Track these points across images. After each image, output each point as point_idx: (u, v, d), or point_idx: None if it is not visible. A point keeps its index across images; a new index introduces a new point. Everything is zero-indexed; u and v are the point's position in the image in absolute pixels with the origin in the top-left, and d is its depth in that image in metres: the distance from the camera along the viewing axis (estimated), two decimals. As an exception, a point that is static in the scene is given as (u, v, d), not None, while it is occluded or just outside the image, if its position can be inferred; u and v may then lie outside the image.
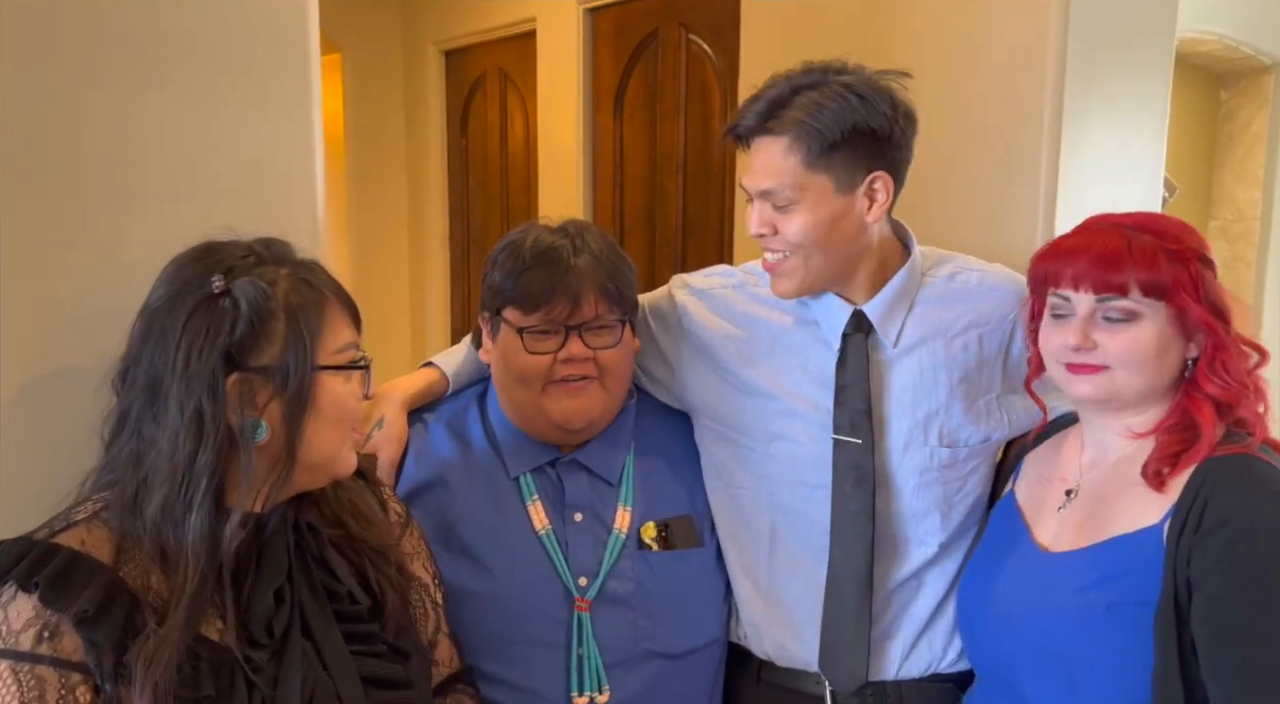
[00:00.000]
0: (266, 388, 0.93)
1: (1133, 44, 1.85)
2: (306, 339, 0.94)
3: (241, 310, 0.92)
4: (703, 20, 2.94)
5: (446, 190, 4.24)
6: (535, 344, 1.27)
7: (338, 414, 0.97)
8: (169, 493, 0.89)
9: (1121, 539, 1.10)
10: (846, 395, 1.30)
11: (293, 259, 0.99)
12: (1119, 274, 1.10)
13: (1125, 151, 1.87)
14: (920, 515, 1.31)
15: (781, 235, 1.26)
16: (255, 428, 0.92)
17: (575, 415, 1.30)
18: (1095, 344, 1.12)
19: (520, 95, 3.80)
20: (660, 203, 3.17)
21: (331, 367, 0.96)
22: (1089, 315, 1.13)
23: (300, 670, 0.94)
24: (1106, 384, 1.13)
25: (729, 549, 1.39)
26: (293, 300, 0.95)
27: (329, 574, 1.03)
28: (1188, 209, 3.40)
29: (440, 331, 4.30)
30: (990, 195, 1.82)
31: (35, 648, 0.83)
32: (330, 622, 1.00)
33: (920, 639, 1.32)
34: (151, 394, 0.92)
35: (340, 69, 4.19)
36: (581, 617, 1.26)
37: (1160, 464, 1.09)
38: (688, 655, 1.32)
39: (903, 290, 1.31)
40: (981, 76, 1.83)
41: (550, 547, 1.29)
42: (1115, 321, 1.11)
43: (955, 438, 1.31)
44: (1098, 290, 1.11)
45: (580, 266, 1.27)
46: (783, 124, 1.22)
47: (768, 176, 1.24)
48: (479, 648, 1.24)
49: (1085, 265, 1.11)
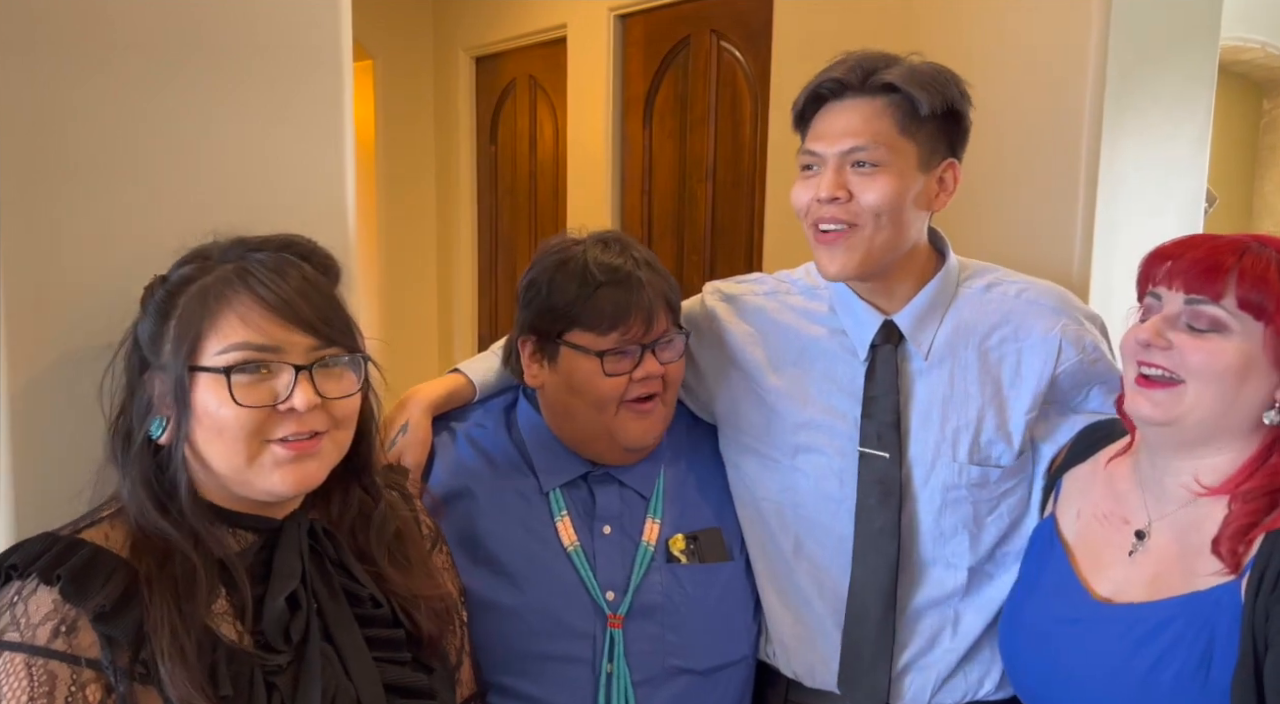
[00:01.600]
0: (166, 387, 0.90)
1: (1175, 52, 1.81)
2: (186, 337, 0.89)
3: (148, 306, 0.93)
4: (735, 27, 2.93)
5: (475, 197, 4.26)
6: (615, 366, 1.24)
7: (211, 423, 0.89)
8: (124, 483, 0.91)
9: (1195, 597, 0.98)
10: (875, 407, 1.26)
11: (264, 252, 0.94)
12: (1218, 278, 0.97)
13: (1166, 161, 1.83)
14: (948, 535, 1.26)
15: (856, 200, 1.19)
16: (153, 424, 0.91)
17: (645, 436, 1.29)
18: (1170, 343, 1.00)
19: (550, 102, 3.80)
20: (689, 211, 3.16)
21: (201, 368, 0.89)
22: (1173, 315, 1.00)
23: (321, 675, 0.92)
24: (1173, 403, 0.99)
25: (757, 564, 1.36)
26: (194, 297, 0.90)
27: (350, 578, 1.00)
28: (1227, 220, 3.34)
29: (468, 337, 4.31)
30: (1028, 207, 1.79)
31: (51, 642, 0.82)
32: (352, 627, 0.97)
33: (957, 671, 1.28)
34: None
35: (371, 75, 4.22)
36: (614, 634, 1.24)
37: (1234, 542, 0.96)
38: (716, 673, 1.29)
39: (936, 299, 1.27)
40: (1020, 85, 1.80)
41: (579, 562, 1.27)
42: (1199, 331, 0.98)
43: (986, 455, 1.25)
44: (1189, 290, 0.99)
45: (647, 282, 1.25)
46: (880, 85, 1.18)
47: (857, 135, 1.18)
48: (504, 662, 1.22)
49: (1185, 263, 0.99)
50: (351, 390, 0.94)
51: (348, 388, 0.94)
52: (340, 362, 0.93)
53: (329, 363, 0.92)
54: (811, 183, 1.22)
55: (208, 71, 1.14)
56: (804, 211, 1.24)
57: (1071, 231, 1.71)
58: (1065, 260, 1.59)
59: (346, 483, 1.01)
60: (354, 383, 0.95)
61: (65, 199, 1.05)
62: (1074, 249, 1.67)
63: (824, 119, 1.23)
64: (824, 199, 1.20)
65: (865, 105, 1.20)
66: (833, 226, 1.21)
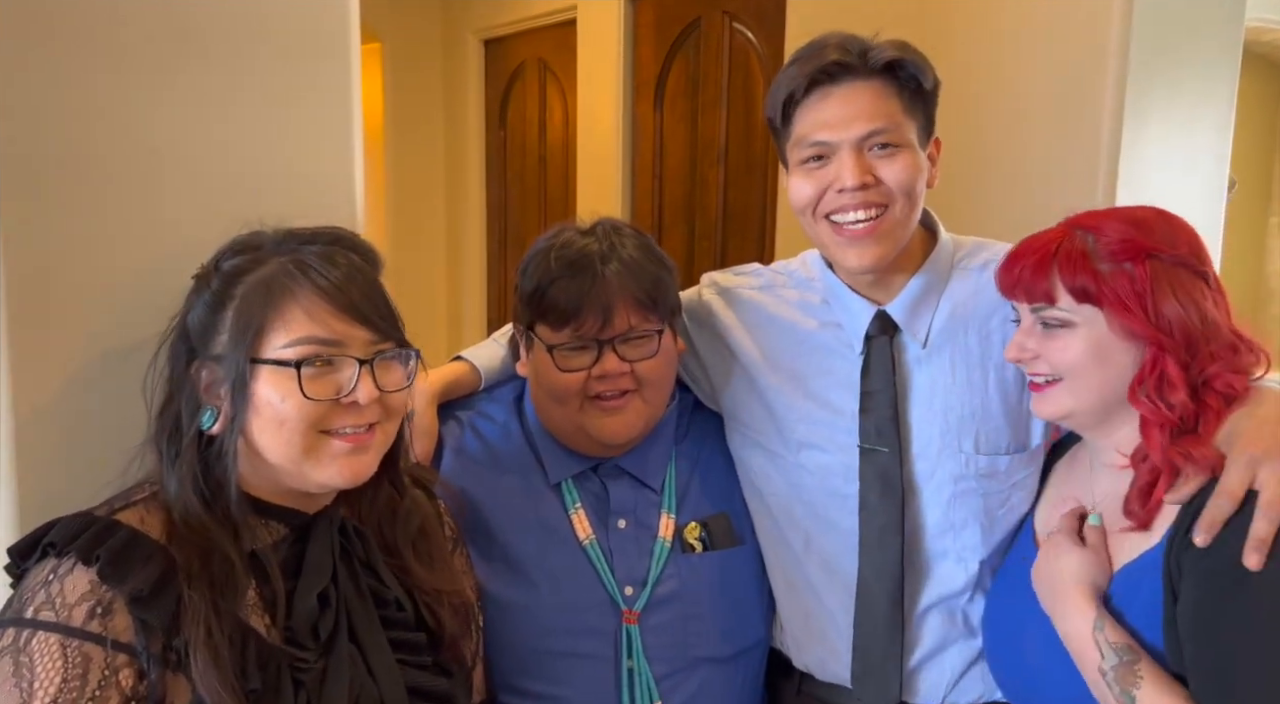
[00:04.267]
0: (220, 377, 0.90)
1: (1199, 32, 1.78)
2: (248, 329, 0.89)
3: (203, 296, 0.92)
4: (747, 8, 2.89)
5: (484, 180, 4.24)
6: (566, 361, 1.20)
7: (272, 414, 0.89)
8: (170, 476, 0.90)
9: (1130, 566, 1.02)
10: (873, 401, 1.22)
11: (317, 244, 0.94)
12: (1044, 281, 1.03)
13: (1188, 143, 1.80)
14: (958, 528, 1.22)
15: (886, 183, 1.15)
16: (204, 415, 0.90)
17: (615, 433, 1.24)
18: (1035, 352, 1.06)
19: (560, 85, 3.78)
20: (700, 194, 3.13)
21: (265, 361, 0.89)
22: (1029, 326, 1.07)
23: (347, 673, 0.92)
24: (1062, 399, 1.05)
25: (769, 558, 1.34)
26: (254, 288, 0.90)
27: (376, 579, 1.00)
28: (1247, 205, 3.30)
29: (477, 322, 4.30)
30: (1047, 189, 1.77)
31: (86, 624, 0.81)
32: (377, 628, 0.97)
33: (972, 669, 1.25)
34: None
35: (380, 58, 4.19)
36: (630, 630, 1.22)
37: (1136, 503, 1.01)
38: (734, 659, 1.28)
39: (929, 285, 1.23)
40: (1040, 64, 1.77)
41: (595, 557, 1.25)
42: (1052, 327, 1.04)
43: (995, 444, 1.21)
44: (1031, 300, 1.05)
45: (609, 275, 1.19)
46: (881, 64, 1.14)
47: (872, 117, 1.14)
48: (522, 663, 1.20)
49: (1016, 275, 1.05)
50: (403, 384, 0.97)
51: (400, 381, 0.96)
52: (394, 355, 0.95)
53: (386, 356, 0.94)
54: (822, 174, 1.16)
55: (215, 59, 1.12)
56: (812, 205, 1.18)
57: (1092, 216, 1.69)
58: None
59: (378, 477, 1.00)
60: (404, 376, 0.97)
61: (71, 192, 1.04)
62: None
63: (825, 105, 1.16)
64: (851, 186, 1.14)
65: (868, 86, 1.15)
66: (862, 216, 1.16)
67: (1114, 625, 0.99)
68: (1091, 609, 1.00)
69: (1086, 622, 1.00)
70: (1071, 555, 1.05)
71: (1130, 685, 0.95)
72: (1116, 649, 0.97)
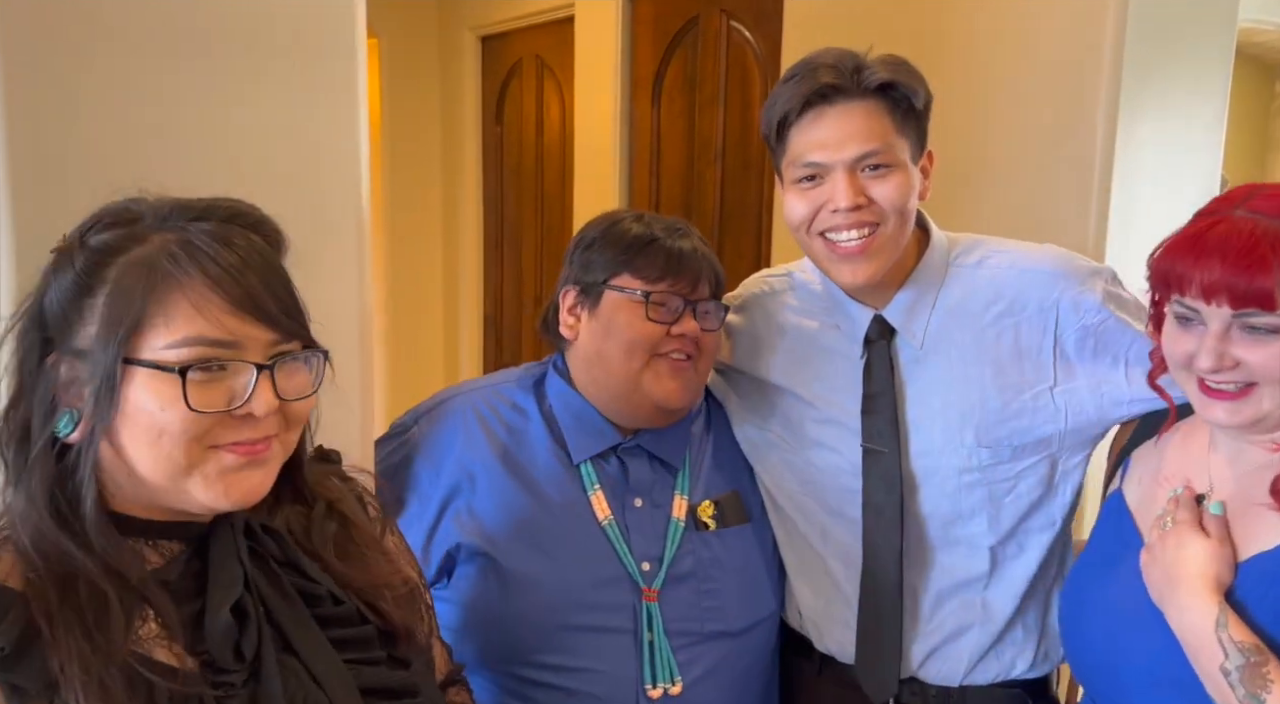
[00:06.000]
0: (83, 377, 0.76)
1: (1192, 32, 1.80)
2: (121, 324, 0.74)
3: (65, 275, 0.77)
4: (745, 6, 2.91)
5: (481, 177, 4.24)
6: (658, 312, 1.26)
7: (149, 423, 0.75)
8: (16, 493, 0.76)
9: (1262, 557, 0.94)
10: (875, 404, 1.26)
11: (208, 221, 0.80)
12: (1262, 282, 0.89)
13: (1182, 144, 1.82)
14: (965, 517, 1.26)
15: (878, 203, 1.18)
16: (61, 419, 0.76)
17: (675, 396, 1.28)
18: (1236, 362, 0.94)
19: (557, 82, 3.78)
20: (698, 193, 3.15)
21: (142, 363, 0.75)
22: (1223, 331, 0.94)
23: (286, 688, 0.80)
24: (1251, 409, 0.95)
25: (786, 553, 1.39)
26: (130, 273, 0.75)
27: (301, 576, 0.87)
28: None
29: (473, 318, 4.31)
30: (1042, 190, 1.78)
31: None
32: (314, 630, 0.85)
33: (989, 653, 1.28)
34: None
35: (376, 54, 4.19)
36: (650, 607, 1.27)
37: None
38: (748, 631, 1.33)
39: (924, 286, 1.26)
40: (1034, 66, 1.78)
41: (614, 536, 1.29)
42: (1259, 332, 0.92)
43: (995, 436, 1.23)
44: (1236, 306, 0.91)
45: (700, 250, 1.30)
46: (874, 85, 1.16)
47: (866, 140, 1.16)
48: (543, 638, 1.24)
49: (1219, 272, 0.91)
50: (308, 390, 0.83)
51: (305, 387, 0.83)
52: (298, 358, 0.82)
53: (289, 359, 0.81)
54: (816, 193, 1.19)
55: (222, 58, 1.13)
56: (806, 223, 1.21)
57: (1086, 214, 1.71)
58: (1080, 242, 1.59)
59: (277, 491, 0.87)
60: (310, 381, 0.84)
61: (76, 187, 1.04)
62: (1088, 231, 1.67)
63: (818, 126, 1.18)
64: (845, 207, 1.17)
65: (861, 107, 1.17)
66: (855, 235, 1.19)
67: (1239, 623, 0.91)
68: (1215, 605, 0.93)
69: (1208, 618, 0.93)
70: (1194, 546, 0.97)
71: (1258, 688, 0.89)
72: (1242, 649, 0.90)
